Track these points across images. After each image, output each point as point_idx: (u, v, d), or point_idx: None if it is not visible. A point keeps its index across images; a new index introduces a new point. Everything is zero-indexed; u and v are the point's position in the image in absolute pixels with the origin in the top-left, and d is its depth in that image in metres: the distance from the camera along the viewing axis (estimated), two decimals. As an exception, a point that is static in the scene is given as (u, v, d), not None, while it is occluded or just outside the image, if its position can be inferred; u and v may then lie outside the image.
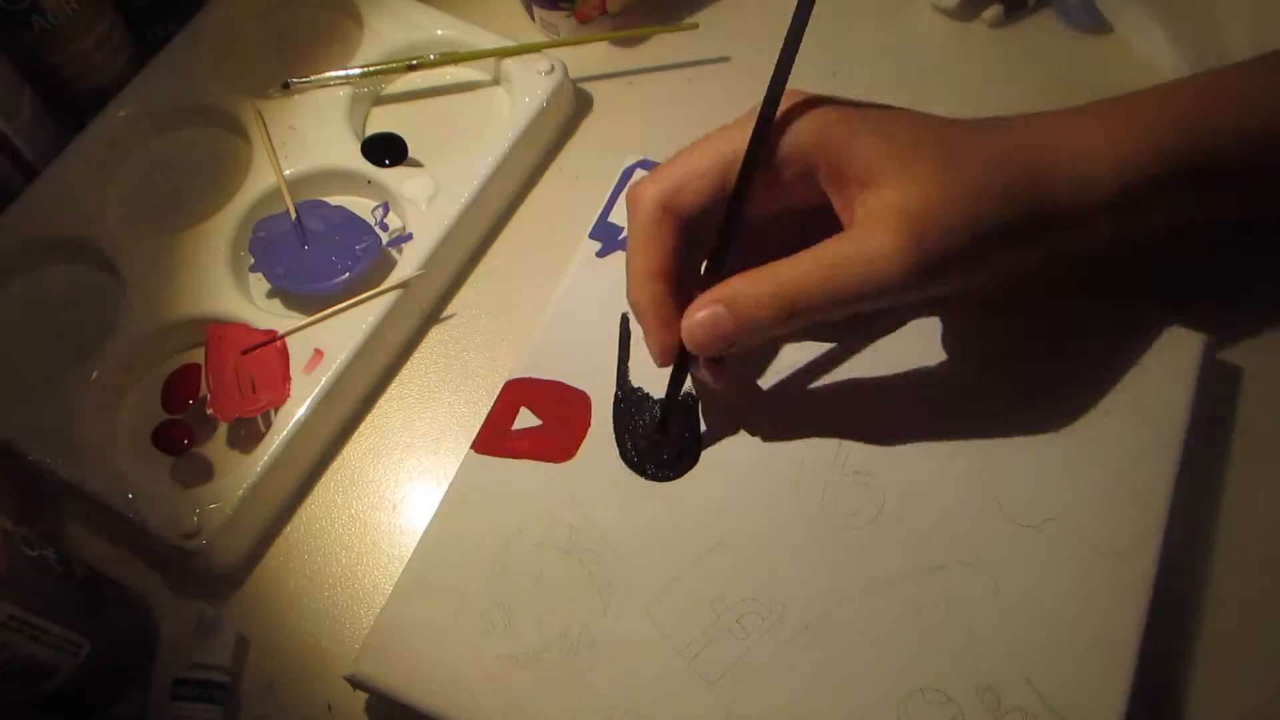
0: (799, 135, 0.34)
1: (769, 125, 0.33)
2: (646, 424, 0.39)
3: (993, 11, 0.52)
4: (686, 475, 0.38)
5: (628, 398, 0.40)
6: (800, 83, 0.51)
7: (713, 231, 0.35)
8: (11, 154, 0.47)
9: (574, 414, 0.39)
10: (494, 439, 0.39)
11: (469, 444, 0.43)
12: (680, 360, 0.36)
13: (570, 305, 0.42)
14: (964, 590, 0.35)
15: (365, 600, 0.40)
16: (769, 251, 0.34)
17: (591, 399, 0.40)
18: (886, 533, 0.36)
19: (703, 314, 0.33)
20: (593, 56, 0.53)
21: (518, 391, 0.40)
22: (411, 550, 0.41)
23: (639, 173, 0.45)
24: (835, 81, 0.51)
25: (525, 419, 0.40)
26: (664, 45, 0.53)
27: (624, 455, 0.39)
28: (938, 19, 0.53)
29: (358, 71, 0.49)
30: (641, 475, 0.38)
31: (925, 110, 0.37)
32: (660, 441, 0.39)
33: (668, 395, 0.38)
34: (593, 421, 0.39)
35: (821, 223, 0.35)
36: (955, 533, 0.36)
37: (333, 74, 0.49)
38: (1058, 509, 0.36)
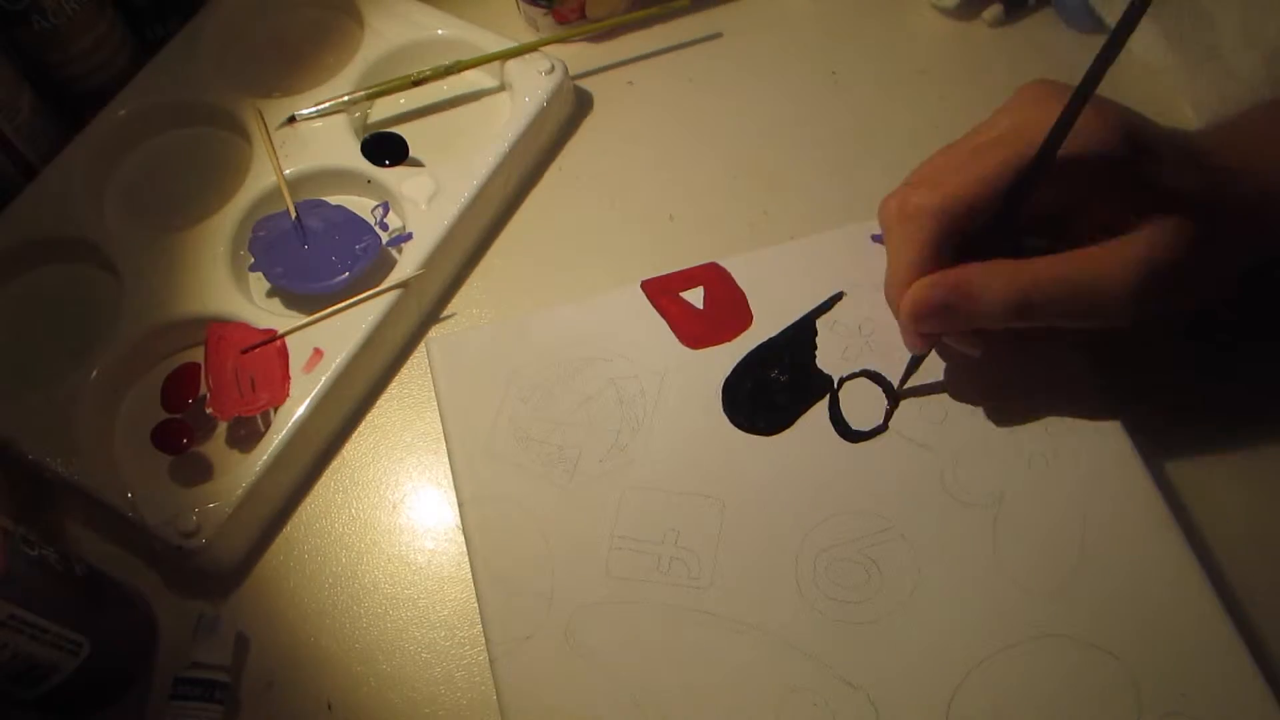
0: (1081, 151, 0.33)
1: (1063, 138, 0.32)
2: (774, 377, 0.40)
3: (992, 11, 0.52)
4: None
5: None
6: (800, 83, 0.51)
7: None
8: (11, 153, 0.47)
9: (729, 324, 0.42)
10: (662, 289, 0.43)
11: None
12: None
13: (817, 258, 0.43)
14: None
15: (365, 599, 0.40)
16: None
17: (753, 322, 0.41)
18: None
19: (935, 290, 0.34)
20: (588, 51, 0.53)
21: (712, 274, 0.43)
22: (410, 549, 0.41)
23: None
24: (835, 81, 0.51)
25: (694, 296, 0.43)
26: (657, 33, 0.53)
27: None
28: (938, 19, 0.53)
29: (363, 94, 0.49)
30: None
31: (923, 110, 0.37)
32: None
33: (904, 378, 0.39)
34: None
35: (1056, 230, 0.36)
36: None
37: (337, 99, 0.48)
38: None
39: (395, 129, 0.49)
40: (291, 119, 0.48)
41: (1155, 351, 0.41)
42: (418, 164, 0.48)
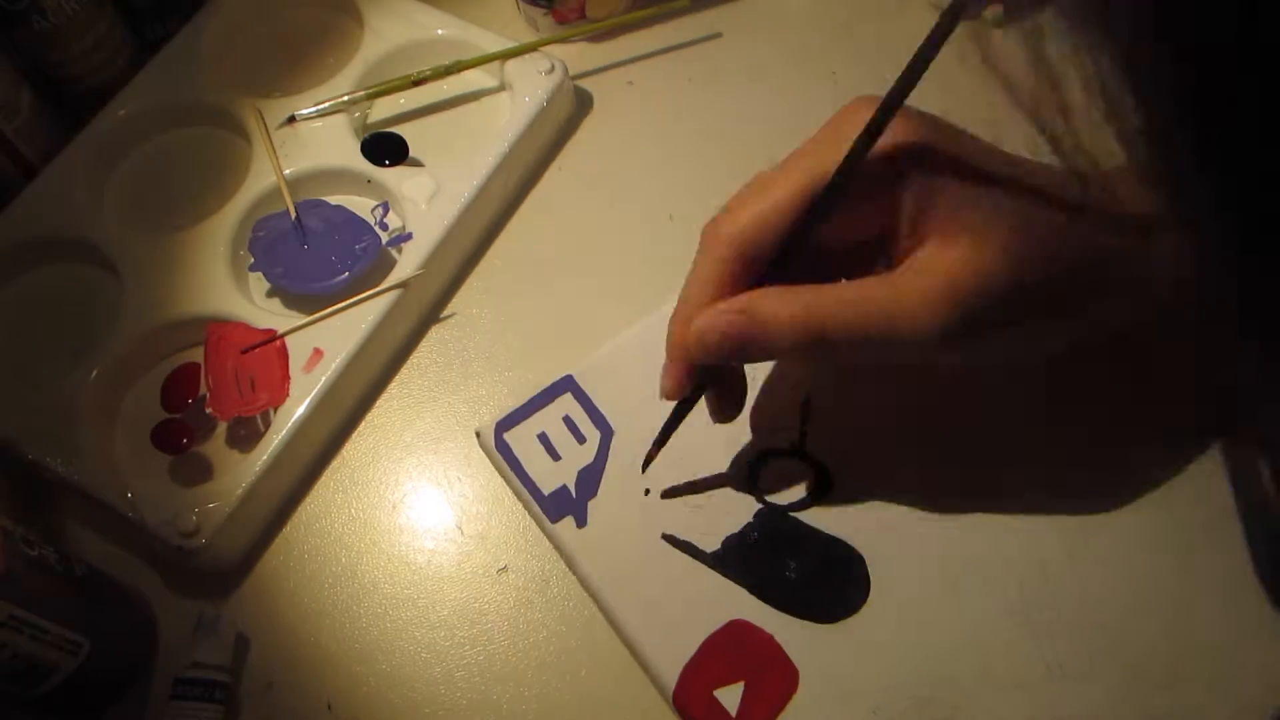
0: (888, 167, 0.31)
1: (861, 157, 0.30)
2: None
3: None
4: None
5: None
6: (800, 83, 0.51)
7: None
8: (11, 153, 0.47)
9: (753, 645, 0.36)
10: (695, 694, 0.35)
11: (470, 443, 0.43)
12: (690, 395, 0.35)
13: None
14: None
15: (365, 599, 0.40)
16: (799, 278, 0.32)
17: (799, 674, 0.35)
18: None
19: (720, 317, 0.32)
20: (588, 51, 0.53)
21: (693, 687, 0.35)
22: (410, 549, 0.41)
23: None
24: (835, 81, 0.51)
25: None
26: (657, 33, 0.53)
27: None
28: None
29: (363, 94, 0.49)
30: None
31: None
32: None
33: (666, 426, 0.37)
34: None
35: (857, 253, 0.33)
36: None
37: (336, 100, 0.48)
38: None
39: (395, 129, 0.49)
40: (291, 119, 0.48)
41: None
42: (418, 164, 0.48)
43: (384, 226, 0.46)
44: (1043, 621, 0.35)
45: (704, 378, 0.35)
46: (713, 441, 0.39)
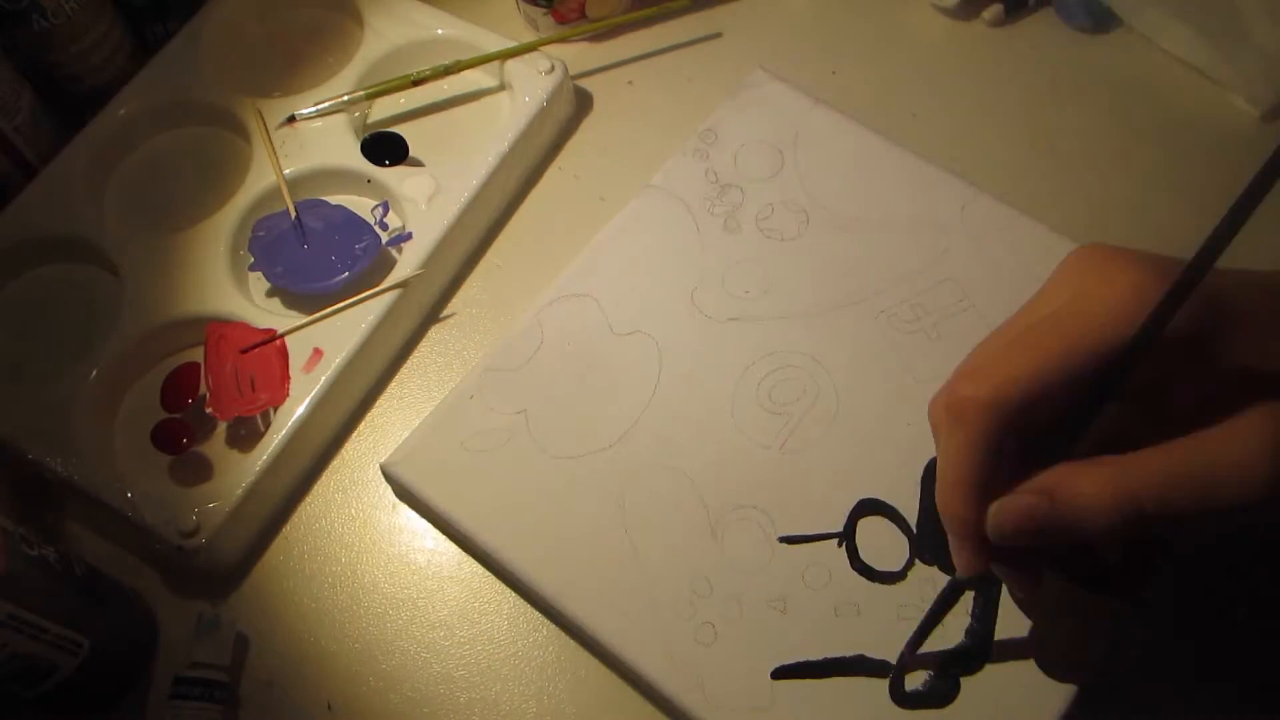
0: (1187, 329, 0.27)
1: (1163, 327, 0.26)
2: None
3: (993, 11, 0.52)
4: None
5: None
6: (800, 83, 0.51)
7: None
8: (11, 153, 0.47)
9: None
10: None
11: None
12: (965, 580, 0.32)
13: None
14: None
15: (364, 599, 0.40)
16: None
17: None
18: None
19: (1020, 500, 0.29)
20: (588, 50, 0.53)
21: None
22: (410, 549, 0.41)
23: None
24: (835, 81, 0.51)
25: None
26: (657, 33, 0.53)
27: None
28: (938, 19, 0.53)
29: (362, 93, 0.49)
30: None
31: (924, 110, 0.35)
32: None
33: (934, 614, 0.34)
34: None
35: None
36: None
37: (336, 99, 0.48)
38: None
39: (395, 129, 0.49)
40: (291, 119, 0.48)
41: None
42: (418, 164, 0.48)
43: (384, 226, 0.46)
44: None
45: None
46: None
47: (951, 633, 0.36)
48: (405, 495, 0.41)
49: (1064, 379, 0.28)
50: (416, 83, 0.49)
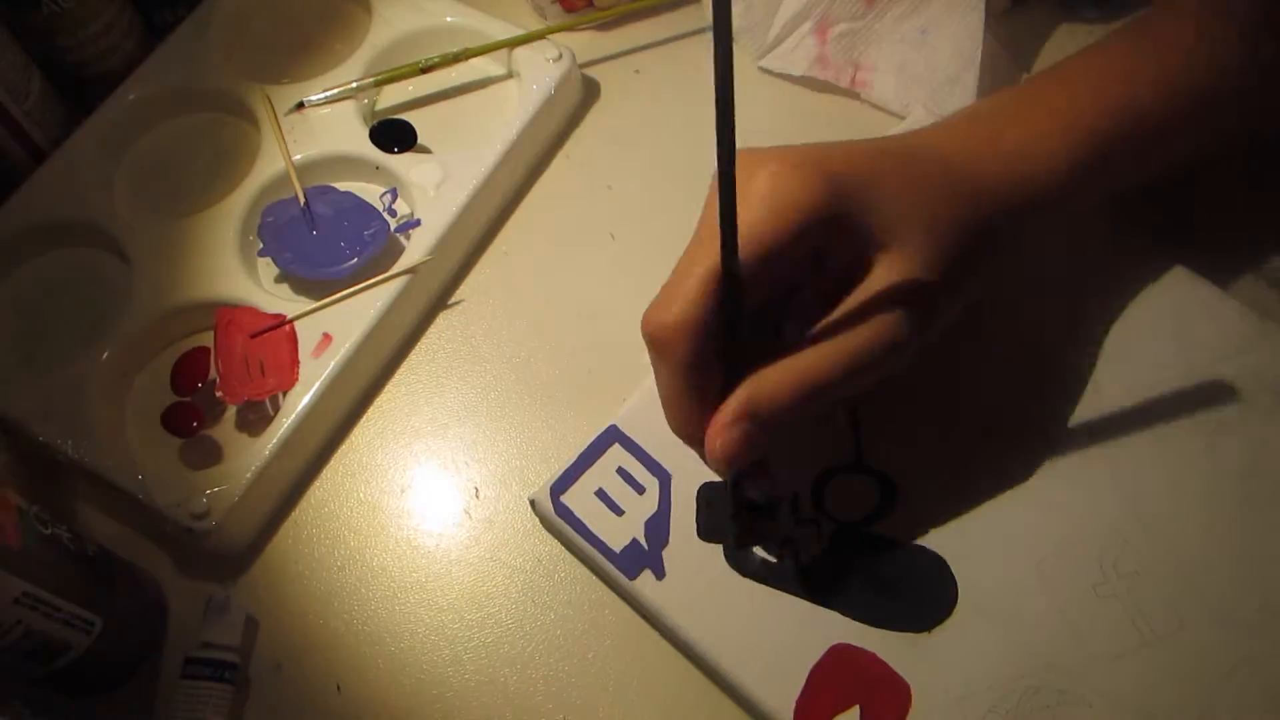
0: (793, 219, 0.31)
1: (731, 203, 0.30)
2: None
3: (1000, 1, 0.52)
4: None
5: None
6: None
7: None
8: (21, 137, 0.47)
9: (859, 667, 0.35)
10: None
11: (477, 429, 0.43)
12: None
13: None
14: None
15: (373, 582, 0.40)
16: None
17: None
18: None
19: (731, 432, 0.32)
20: (596, 39, 0.53)
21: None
22: (418, 533, 0.41)
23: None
24: (842, 71, 0.51)
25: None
26: (664, 21, 0.53)
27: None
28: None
29: (371, 80, 0.49)
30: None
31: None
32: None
33: (735, 509, 0.34)
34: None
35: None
36: None
37: (345, 86, 0.48)
38: None
39: (403, 116, 0.49)
40: (300, 105, 0.48)
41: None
42: (426, 151, 0.48)
43: (392, 213, 0.46)
44: (1126, 588, 0.36)
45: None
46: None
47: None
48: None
49: (715, 288, 0.31)
50: (425, 70, 0.49)
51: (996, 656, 0.35)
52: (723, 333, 0.31)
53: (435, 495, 0.42)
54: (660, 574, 0.37)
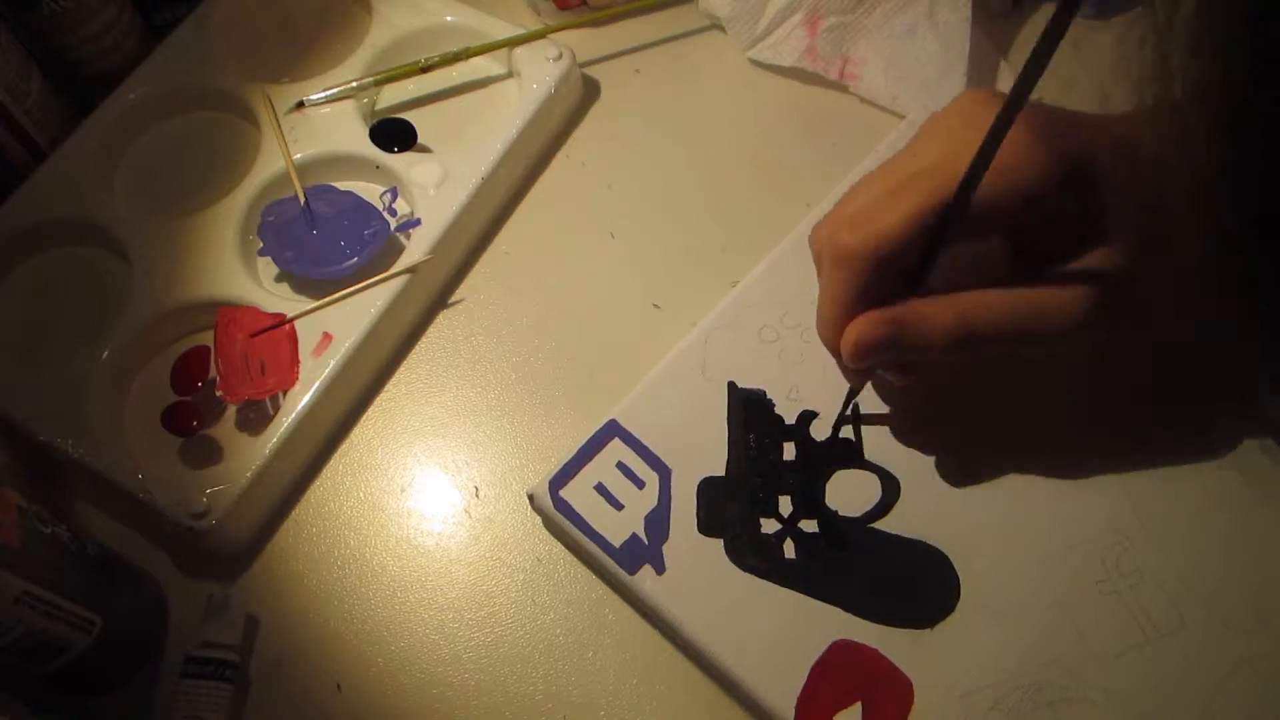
0: (1018, 179, 0.31)
1: (987, 164, 0.29)
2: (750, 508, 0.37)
3: (1000, 0, 0.52)
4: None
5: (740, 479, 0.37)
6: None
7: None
8: (21, 136, 0.47)
9: (861, 663, 0.35)
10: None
11: (477, 428, 0.43)
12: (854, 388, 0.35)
13: None
14: None
15: (373, 581, 0.40)
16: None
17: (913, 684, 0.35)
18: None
19: (876, 329, 0.32)
20: (595, 39, 0.53)
21: (812, 717, 0.35)
22: (418, 532, 0.41)
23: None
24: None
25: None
26: (663, 21, 0.53)
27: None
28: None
29: (371, 80, 0.49)
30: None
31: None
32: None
33: (842, 413, 0.36)
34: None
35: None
36: None
37: (345, 85, 0.49)
38: None
39: (403, 115, 0.49)
40: (300, 104, 0.48)
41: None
42: (426, 150, 0.48)
43: (392, 212, 0.46)
44: (1128, 585, 0.36)
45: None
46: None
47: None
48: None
49: (924, 223, 0.31)
50: (425, 69, 0.49)
51: (999, 653, 0.35)
52: (920, 268, 0.31)
53: (435, 494, 0.42)
54: (660, 569, 0.37)
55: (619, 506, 0.38)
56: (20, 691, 0.37)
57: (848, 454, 0.37)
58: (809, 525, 0.37)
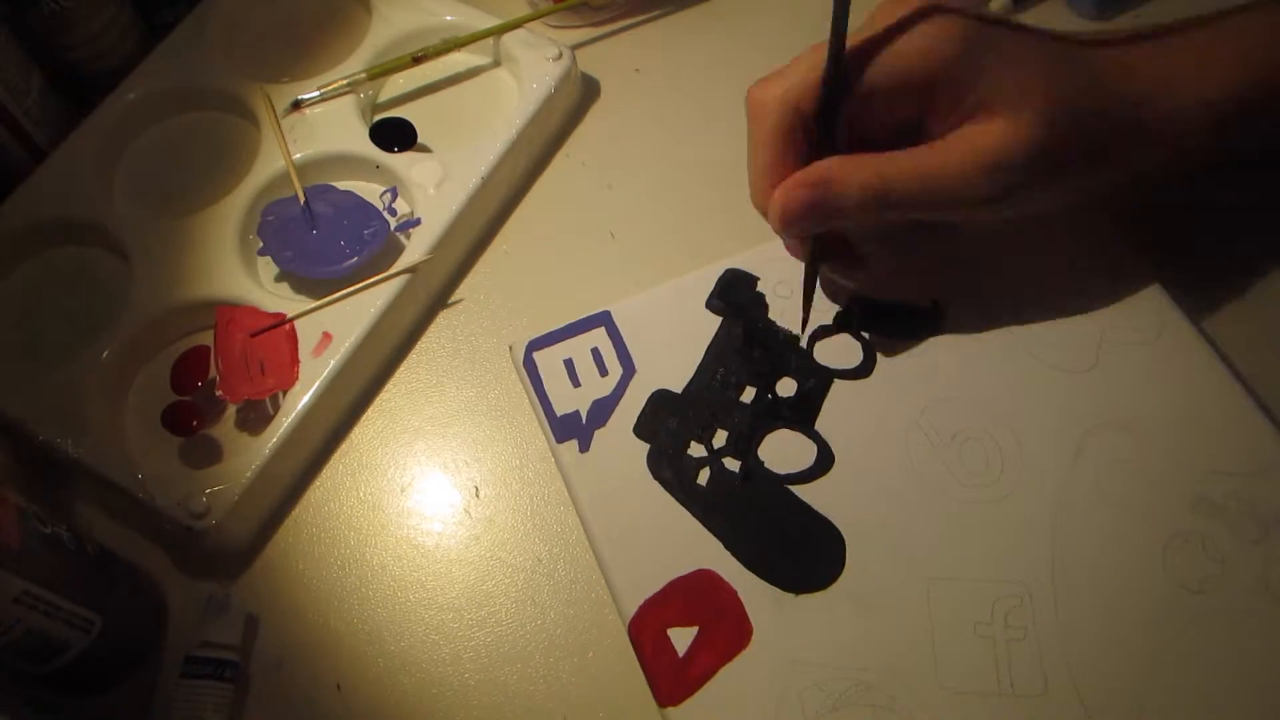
0: (914, 53, 0.34)
1: (843, 19, 0.33)
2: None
3: (1000, 1, 0.52)
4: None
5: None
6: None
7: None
8: (20, 136, 0.47)
9: (716, 595, 0.37)
10: (675, 682, 0.35)
11: (478, 426, 0.43)
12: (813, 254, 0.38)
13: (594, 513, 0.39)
14: None
15: (373, 581, 0.40)
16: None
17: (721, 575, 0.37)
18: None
19: (799, 191, 0.35)
20: (595, 37, 0.53)
21: (649, 622, 0.36)
22: (418, 532, 0.41)
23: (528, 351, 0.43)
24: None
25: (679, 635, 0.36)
26: (664, 20, 0.53)
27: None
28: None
29: (364, 74, 0.49)
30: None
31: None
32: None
33: (805, 284, 0.39)
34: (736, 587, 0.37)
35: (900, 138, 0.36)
36: None
37: (339, 81, 0.48)
38: None
39: (403, 115, 0.49)
40: (296, 104, 0.48)
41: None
42: (426, 150, 0.48)
43: (392, 212, 0.46)
44: (1006, 639, 0.35)
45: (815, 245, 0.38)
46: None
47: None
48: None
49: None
50: (417, 60, 0.49)
51: (847, 642, 0.35)
52: (820, 112, 0.35)
53: (435, 494, 0.42)
54: (584, 448, 0.40)
55: (576, 384, 0.41)
56: (20, 691, 0.36)
57: (801, 418, 0.40)
58: (732, 465, 0.39)
